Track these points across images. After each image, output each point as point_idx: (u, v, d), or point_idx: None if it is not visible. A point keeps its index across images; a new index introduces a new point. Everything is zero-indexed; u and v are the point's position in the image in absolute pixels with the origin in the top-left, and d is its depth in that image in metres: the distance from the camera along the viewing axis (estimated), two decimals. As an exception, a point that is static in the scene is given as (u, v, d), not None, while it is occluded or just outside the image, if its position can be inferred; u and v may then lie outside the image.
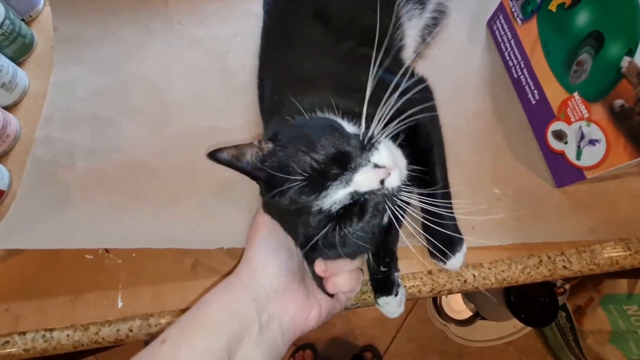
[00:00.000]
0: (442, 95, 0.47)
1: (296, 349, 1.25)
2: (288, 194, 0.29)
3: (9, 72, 0.53)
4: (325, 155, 0.29)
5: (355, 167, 0.29)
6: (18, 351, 0.43)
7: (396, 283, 0.41)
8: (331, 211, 0.29)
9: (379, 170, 0.29)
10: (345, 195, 0.29)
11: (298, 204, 0.29)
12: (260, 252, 0.32)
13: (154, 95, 0.54)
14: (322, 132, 0.31)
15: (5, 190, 0.49)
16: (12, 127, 0.52)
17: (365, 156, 0.30)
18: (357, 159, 0.30)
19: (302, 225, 0.31)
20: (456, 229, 0.42)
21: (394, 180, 0.30)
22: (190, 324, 0.28)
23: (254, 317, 0.29)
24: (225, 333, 0.27)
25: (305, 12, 0.44)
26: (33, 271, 0.46)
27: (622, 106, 0.36)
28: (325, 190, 0.28)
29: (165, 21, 0.59)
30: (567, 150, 0.43)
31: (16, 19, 0.56)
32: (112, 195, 0.48)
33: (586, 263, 0.44)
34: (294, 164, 0.29)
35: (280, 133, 0.33)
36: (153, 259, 0.45)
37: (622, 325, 0.95)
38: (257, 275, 0.31)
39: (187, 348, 0.26)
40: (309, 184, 0.29)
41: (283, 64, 0.45)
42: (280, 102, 0.40)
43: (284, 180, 0.29)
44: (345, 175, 0.29)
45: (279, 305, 0.31)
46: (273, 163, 0.31)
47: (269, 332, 0.29)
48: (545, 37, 0.45)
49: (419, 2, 0.48)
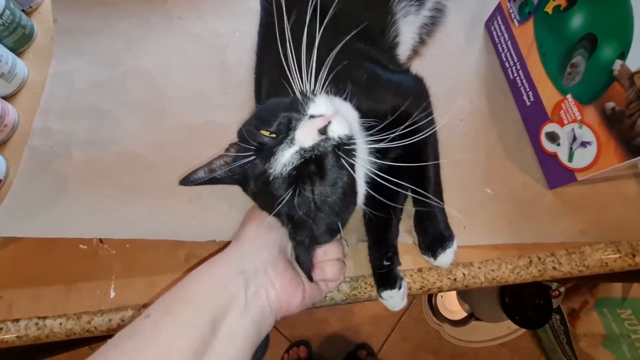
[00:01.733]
0: (438, 95, 0.47)
1: (290, 345, 1.25)
2: (250, 174, 0.30)
3: (9, 62, 0.53)
4: (272, 125, 0.30)
5: (294, 125, 0.29)
6: (11, 338, 0.44)
7: (399, 276, 0.42)
8: (284, 174, 0.29)
9: (315, 120, 0.29)
10: (293, 155, 0.29)
11: (256, 178, 0.30)
12: (252, 229, 0.33)
13: (152, 88, 0.55)
14: (272, 108, 0.32)
15: (2, 179, 0.50)
16: (10, 117, 0.52)
17: (302, 111, 0.30)
18: (295, 117, 0.30)
19: (268, 195, 0.31)
20: (447, 226, 0.42)
21: (338, 127, 0.29)
22: (173, 299, 0.28)
23: (241, 289, 0.28)
24: (209, 307, 0.27)
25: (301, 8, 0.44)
26: (28, 260, 0.47)
27: (613, 109, 0.36)
28: (273, 155, 0.29)
29: (164, 15, 0.59)
30: (560, 152, 0.44)
31: (17, 9, 0.56)
32: (108, 187, 0.48)
33: (576, 264, 0.44)
34: (251, 142, 0.30)
35: (244, 126, 0.35)
36: (147, 251, 0.46)
37: (616, 329, 0.96)
38: (246, 249, 0.32)
39: (171, 322, 0.26)
40: (259, 154, 0.29)
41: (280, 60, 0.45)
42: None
43: (246, 163, 0.30)
44: (288, 136, 0.29)
45: (267, 279, 0.30)
46: (240, 157, 0.32)
47: (255, 305, 0.29)
48: (541, 39, 0.45)
49: (415, 0, 0.48)
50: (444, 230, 0.42)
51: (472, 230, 0.44)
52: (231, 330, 0.27)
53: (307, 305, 0.34)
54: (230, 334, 0.27)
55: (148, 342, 0.25)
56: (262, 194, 0.32)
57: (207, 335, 0.26)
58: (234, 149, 0.35)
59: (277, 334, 1.29)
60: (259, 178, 0.31)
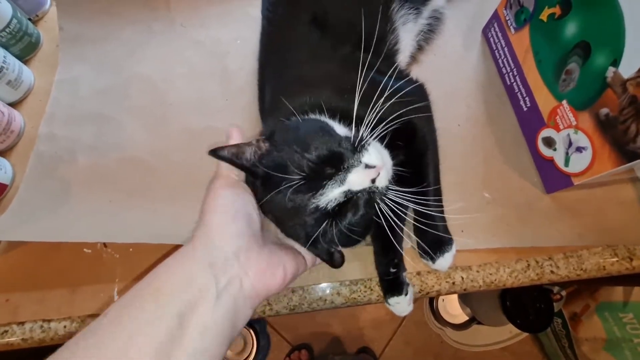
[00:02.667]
0: (436, 101, 0.48)
1: (292, 349, 1.26)
2: (286, 193, 0.31)
3: (15, 70, 0.55)
4: (319, 156, 0.31)
5: (348, 167, 0.31)
6: (17, 340, 0.44)
7: (405, 282, 0.43)
8: (327, 209, 0.31)
9: (369, 170, 0.31)
10: (340, 194, 0.31)
11: (294, 202, 0.31)
12: (219, 216, 0.31)
13: (154, 94, 0.56)
14: (314, 134, 0.33)
15: (8, 184, 0.51)
16: (17, 123, 0.54)
17: (357, 157, 0.32)
18: (349, 159, 0.32)
19: (301, 224, 0.32)
20: (446, 230, 0.43)
21: (383, 180, 0.32)
22: (137, 294, 0.26)
23: (211, 282, 0.27)
24: (175, 302, 0.25)
25: (303, 18, 0.45)
26: (33, 264, 0.48)
27: (607, 115, 0.36)
28: (321, 189, 0.30)
29: (167, 23, 0.60)
30: (556, 156, 0.44)
31: (23, 18, 0.58)
32: (112, 191, 0.49)
33: (573, 268, 0.44)
34: (290, 164, 0.31)
35: (276, 133, 0.35)
36: (149, 254, 0.47)
37: (618, 333, 0.95)
38: (215, 239, 0.29)
39: (133, 318, 0.24)
40: (305, 183, 0.31)
41: (281, 68, 0.46)
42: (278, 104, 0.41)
43: (281, 180, 0.31)
44: (339, 175, 0.31)
45: (240, 268, 0.29)
46: (270, 162, 0.33)
47: (228, 296, 0.27)
48: (536, 46, 0.46)
49: (413, 8, 0.49)
50: (442, 234, 0.42)
51: (470, 234, 0.45)
52: (202, 324, 0.26)
53: (292, 281, 0.33)
54: (201, 328, 0.25)
55: (107, 338, 0.23)
56: (290, 214, 0.32)
57: (173, 330, 0.24)
58: (265, 145, 0.34)
59: (278, 337, 1.29)
60: (294, 202, 0.31)
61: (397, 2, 0.47)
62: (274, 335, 1.28)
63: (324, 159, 0.31)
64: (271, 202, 0.33)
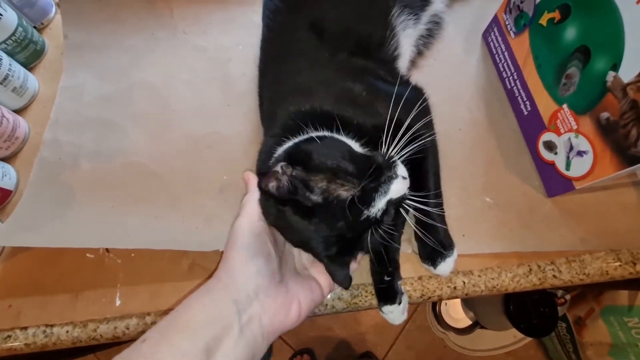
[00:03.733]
0: (436, 105, 0.48)
1: (294, 353, 1.25)
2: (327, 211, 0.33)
3: (20, 77, 0.55)
4: (363, 174, 0.34)
5: (388, 179, 0.35)
6: (19, 345, 0.44)
7: (399, 292, 0.43)
8: (377, 217, 0.34)
9: (405, 181, 0.36)
10: (386, 202, 0.34)
11: (346, 217, 0.33)
12: (241, 256, 0.33)
13: (157, 101, 0.56)
14: (346, 154, 0.35)
15: (13, 190, 0.51)
16: (22, 130, 0.54)
17: (394, 170, 0.35)
18: (387, 173, 0.35)
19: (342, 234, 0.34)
20: (447, 235, 0.43)
21: (406, 189, 0.36)
22: (170, 325, 0.28)
23: (234, 318, 0.29)
24: (204, 335, 0.28)
25: (302, 24, 0.46)
26: (36, 269, 0.48)
27: (608, 119, 0.36)
28: (372, 201, 0.34)
29: (170, 30, 0.61)
30: (557, 160, 0.44)
31: (29, 26, 0.59)
32: (115, 197, 0.49)
33: (576, 273, 0.44)
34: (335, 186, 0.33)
35: (293, 155, 0.36)
36: (151, 260, 0.47)
37: (623, 338, 0.94)
38: (237, 278, 0.32)
39: (167, 348, 0.26)
40: (355, 199, 0.33)
41: (280, 75, 0.46)
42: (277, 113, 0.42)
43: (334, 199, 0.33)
44: (383, 187, 0.34)
45: (260, 306, 0.31)
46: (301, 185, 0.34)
47: (249, 332, 0.30)
48: (536, 50, 0.46)
49: (413, 14, 0.50)
50: (444, 239, 0.42)
51: (471, 239, 0.45)
52: (226, 357, 0.28)
53: (307, 315, 0.35)
54: None
55: None
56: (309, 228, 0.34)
57: None
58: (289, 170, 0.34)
59: (280, 341, 1.29)
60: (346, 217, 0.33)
61: (397, 8, 0.47)
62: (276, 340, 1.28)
63: (368, 175, 0.34)
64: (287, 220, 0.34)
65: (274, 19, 0.49)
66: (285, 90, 0.44)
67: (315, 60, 0.45)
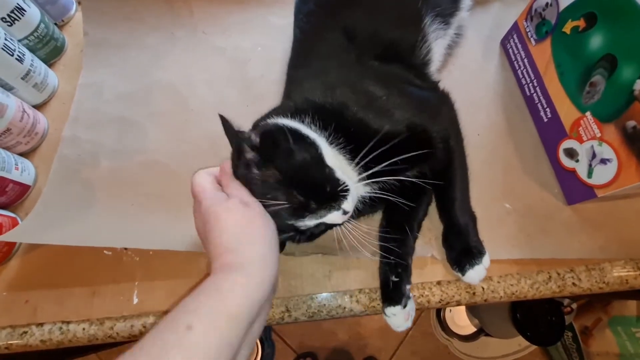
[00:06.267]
0: (456, 110, 0.48)
1: (297, 357, 1.24)
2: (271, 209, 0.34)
3: (41, 73, 0.56)
4: (306, 193, 0.34)
5: (329, 208, 0.35)
6: (35, 342, 0.44)
7: (406, 295, 0.42)
8: (299, 229, 0.36)
9: (344, 215, 0.36)
10: (315, 223, 0.35)
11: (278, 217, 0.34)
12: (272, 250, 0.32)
13: (176, 100, 0.57)
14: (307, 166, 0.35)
15: (31, 185, 0.51)
16: (41, 125, 0.54)
17: (338, 202, 0.35)
18: (330, 202, 0.35)
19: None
20: (476, 240, 0.43)
21: (350, 210, 0.36)
22: (213, 312, 0.27)
23: (264, 298, 0.29)
24: (246, 322, 0.28)
25: (335, 28, 0.46)
26: (53, 265, 0.48)
27: (634, 127, 0.36)
28: (302, 218, 0.35)
29: (189, 30, 0.61)
30: (579, 168, 0.44)
31: (50, 23, 0.59)
32: (134, 195, 0.49)
33: (595, 281, 0.44)
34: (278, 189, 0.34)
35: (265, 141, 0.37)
36: (169, 258, 0.47)
37: (631, 349, 0.94)
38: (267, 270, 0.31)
39: (217, 337, 0.26)
40: (290, 208, 0.34)
41: (308, 73, 0.47)
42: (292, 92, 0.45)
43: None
44: (320, 212, 0.35)
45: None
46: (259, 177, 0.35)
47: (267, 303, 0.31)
48: (559, 58, 0.46)
49: (443, 22, 0.50)
50: (472, 245, 0.42)
51: (490, 245, 0.45)
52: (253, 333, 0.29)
53: None
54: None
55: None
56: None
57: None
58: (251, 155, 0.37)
59: (284, 345, 1.28)
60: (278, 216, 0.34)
61: (429, 16, 0.48)
62: (279, 343, 1.27)
63: (312, 195, 0.34)
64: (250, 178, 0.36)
65: (308, 21, 0.50)
66: (311, 89, 0.44)
67: (343, 62, 0.45)
